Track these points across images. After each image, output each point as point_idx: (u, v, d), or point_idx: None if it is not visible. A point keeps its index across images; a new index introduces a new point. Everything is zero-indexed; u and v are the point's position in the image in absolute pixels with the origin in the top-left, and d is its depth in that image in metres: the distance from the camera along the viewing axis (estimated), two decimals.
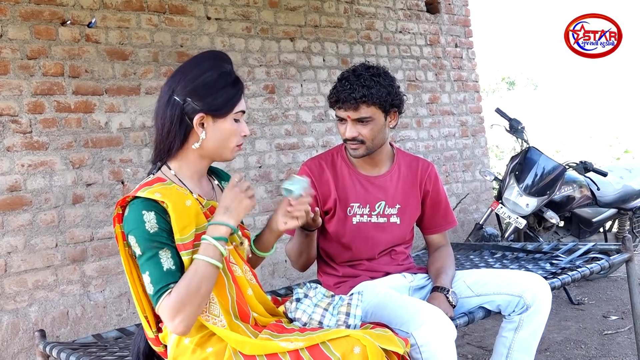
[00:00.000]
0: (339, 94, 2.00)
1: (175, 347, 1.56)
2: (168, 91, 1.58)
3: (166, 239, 1.49)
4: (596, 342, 3.22)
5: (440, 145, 5.25)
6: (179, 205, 1.51)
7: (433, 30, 5.34)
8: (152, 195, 1.49)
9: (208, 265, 1.47)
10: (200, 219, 1.56)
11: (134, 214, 1.49)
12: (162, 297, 1.44)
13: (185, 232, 1.50)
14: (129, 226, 1.50)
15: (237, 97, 1.60)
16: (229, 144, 1.61)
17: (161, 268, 1.46)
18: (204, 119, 1.57)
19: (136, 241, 1.48)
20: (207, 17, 3.93)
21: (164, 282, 1.45)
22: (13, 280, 3.11)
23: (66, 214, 3.30)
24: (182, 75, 1.59)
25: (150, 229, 1.47)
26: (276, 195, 4.17)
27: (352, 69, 2.06)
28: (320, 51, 4.52)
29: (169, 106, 1.57)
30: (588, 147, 10.18)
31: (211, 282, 1.49)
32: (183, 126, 1.57)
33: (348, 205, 2.14)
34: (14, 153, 3.16)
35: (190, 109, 1.56)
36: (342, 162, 2.19)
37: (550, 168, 3.85)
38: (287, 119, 4.27)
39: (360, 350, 1.45)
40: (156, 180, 1.56)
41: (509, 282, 2.05)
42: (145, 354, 1.69)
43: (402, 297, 1.95)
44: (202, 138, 1.57)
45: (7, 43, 3.18)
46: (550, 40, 11.36)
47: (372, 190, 2.16)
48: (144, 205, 1.49)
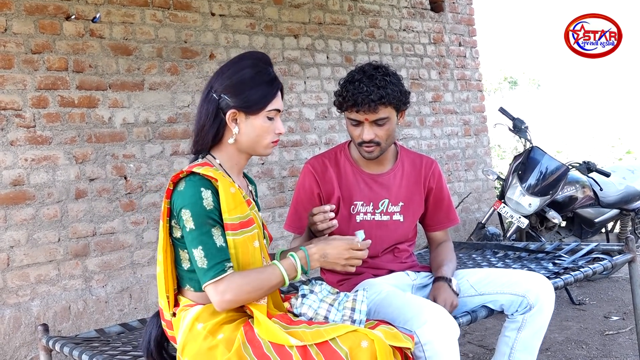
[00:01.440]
0: (355, 97, 1.98)
1: (187, 332, 1.58)
2: (208, 87, 1.68)
3: (218, 217, 1.56)
4: (597, 343, 3.22)
5: (443, 144, 5.25)
6: (226, 189, 1.59)
7: (437, 29, 5.33)
8: (208, 172, 1.57)
9: (281, 280, 1.59)
10: (243, 207, 1.63)
11: (192, 189, 1.55)
12: (221, 274, 1.52)
13: (232, 213, 1.58)
14: (184, 200, 1.55)
15: (271, 95, 1.66)
16: (262, 140, 1.68)
17: (215, 244, 1.53)
18: (237, 114, 1.64)
19: (190, 215, 1.54)
20: (212, 13, 3.93)
21: (218, 258, 1.53)
22: (15, 275, 3.12)
23: (69, 208, 3.30)
24: (221, 73, 1.68)
25: (207, 206, 1.54)
26: (278, 192, 4.17)
27: (360, 69, 2.05)
28: (324, 48, 4.52)
29: (206, 101, 1.66)
30: (590, 148, 10.16)
31: (270, 291, 1.61)
32: (217, 121, 1.65)
33: (352, 204, 2.15)
34: (17, 147, 3.16)
35: (224, 105, 1.64)
36: (345, 161, 2.19)
37: (553, 168, 3.85)
38: (290, 116, 4.27)
39: (367, 344, 1.46)
40: (205, 164, 1.63)
41: (512, 281, 2.05)
42: (157, 340, 1.71)
43: (405, 295, 1.96)
44: (235, 133, 1.65)
45: (11, 37, 3.17)
46: (552, 40, 11.34)
47: (376, 188, 2.16)
48: (202, 183, 1.56)
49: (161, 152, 3.66)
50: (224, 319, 1.59)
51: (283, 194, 4.20)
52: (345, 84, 2.04)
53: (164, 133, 3.67)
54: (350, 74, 2.06)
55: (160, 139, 3.66)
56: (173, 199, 1.59)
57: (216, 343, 1.54)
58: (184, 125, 3.75)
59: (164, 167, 3.65)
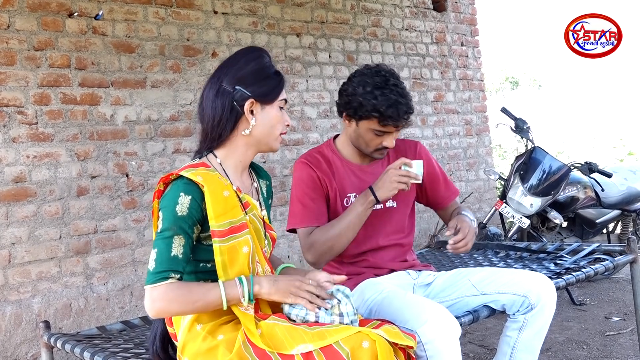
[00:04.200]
0: (397, 111, 1.99)
1: (187, 332, 1.57)
2: (217, 82, 1.65)
3: (189, 227, 1.52)
4: (598, 343, 3.22)
5: (445, 143, 5.25)
6: (217, 193, 1.55)
7: (439, 29, 5.33)
8: (195, 177, 1.54)
9: (220, 301, 1.51)
10: (236, 212, 1.59)
11: (173, 193, 1.54)
12: (161, 282, 1.48)
13: (221, 219, 1.54)
14: (163, 202, 1.55)
15: (280, 85, 1.68)
16: (275, 131, 1.68)
17: (169, 252, 1.50)
18: (254, 105, 1.63)
19: (162, 218, 1.53)
20: (214, 12, 3.93)
21: (166, 266, 1.49)
22: (17, 271, 3.12)
23: (70, 205, 3.30)
24: (228, 67, 1.66)
25: (179, 212, 1.51)
26: (279, 191, 4.17)
27: (385, 78, 2.03)
28: (327, 47, 4.51)
29: (218, 96, 1.63)
30: (591, 148, 10.16)
31: (208, 309, 1.53)
32: (234, 113, 1.63)
33: (345, 196, 2.16)
34: (19, 144, 3.16)
35: (239, 97, 1.62)
36: (333, 155, 2.21)
37: (555, 168, 3.85)
38: (292, 114, 4.27)
39: (369, 344, 1.45)
40: (201, 165, 1.61)
41: (514, 281, 2.05)
42: (162, 337, 1.70)
43: (406, 294, 1.95)
44: (252, 124, 1.64)
45: (14, 34, 3.17)
46: (553, 40, 11.33)
47: (366, 178, 2.17)
48: (185, 188, 1.53)
49: (163, 150, 3.66)
50: (223, 320, 1.58)
51: (284, 192, 4.20)
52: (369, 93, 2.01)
53: (166, 131, 3.67)
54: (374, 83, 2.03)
55: (162, 136, 3.66)
56: (161, 199, 1.58)
57: (216, 344, 1.52)
58: (186, 123, 3.75)
59: (166, 165, 3.65)
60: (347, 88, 2.10)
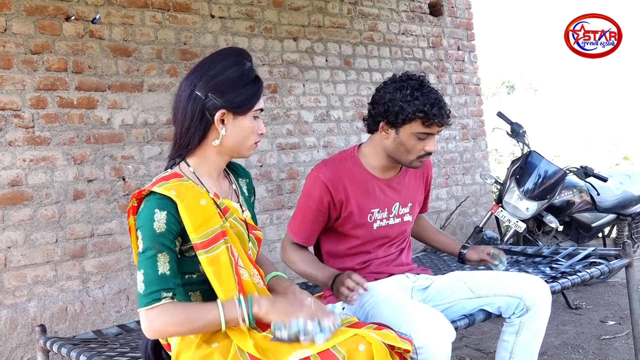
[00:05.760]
0: (440, 109, 1.98)
1: (180, 341, 1.55)
2: (190, 86, 1.57)
3: (170, 242, 1.48)
4: (594, 347, 3.23)
5: (441, 147, 5.26)
6: (193, 205, 1.51)
7: (436, 33, 5.35)
8: (168, 192, 1.49)
9: (218, 322, 1.47)
10: (215, 220, 1.55)
11: (147, 210, 1.49)
12: (155, 303, 1.44)
13: (200, 231, 1.50)
14: (139, 221, 1.50)
15: (257, 95, 1.60)
16: (248, 141, 1.61)
17: (156, 271, 1.45)
18: (225, 115, 1.56)
19: (142, 238, 1.48)
20: (211, 15, 3.94)
21: (156, 286, 1.45)
22: (12, 275, 3.11)
23: (67, 209, 3.30)
24: (204, 70, 1.57)
25: (157, 229, 1.47)
26: (276, 195, 4.17)
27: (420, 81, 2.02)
28: (323, 51, 4.53)
29: (190, 101, 1.56)
30: (587, 153, 10.19)
31: (206, 330, 1.49)
32: (204, 122, 1.56)
33: (369, 212, 2.11)
34: (15, 148, 3.16)
35: (211, 105, 1.55)
36: (357, 169, 2.13)
37: (551, 172, 3.86)
38: (288, 118, 4.28)
39: (365, 347, 1.45)
40: (173, 176, 1.56)
41: (509, 283, 2.06)
42: (153, 346, 1.68)
43: (402, 299, 1.96)
44: (222, 134, 1.57)
45: (11, 37, 3.18)
46: (550, 44, 11.39)
47: (389, 193, 2.15)
48: (158, 204, 1.48)
49: (159, 154, 3.65)
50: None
51: (281, 196, 4.20)
52: (409, 95, 1.98)
53: (163, 135, 3.67)
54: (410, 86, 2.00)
55: (158, 140, 3.66)
56: (137, 217, 1.53)
57: (211, 351, 1.50)
58: None
59: (162, 168, 3.62)
60: (383, 96, 2.02)
